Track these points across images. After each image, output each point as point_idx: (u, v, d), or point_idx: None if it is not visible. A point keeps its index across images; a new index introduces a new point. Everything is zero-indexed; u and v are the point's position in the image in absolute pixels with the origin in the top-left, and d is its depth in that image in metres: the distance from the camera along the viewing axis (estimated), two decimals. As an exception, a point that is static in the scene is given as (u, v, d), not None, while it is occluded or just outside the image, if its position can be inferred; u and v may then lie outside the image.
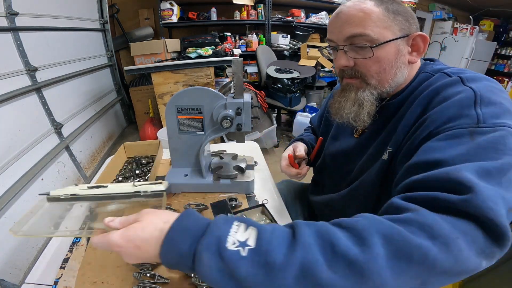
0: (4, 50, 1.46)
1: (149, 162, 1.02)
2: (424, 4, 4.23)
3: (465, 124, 0.41)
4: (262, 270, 0.31)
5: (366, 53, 0.55)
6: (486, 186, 0.33)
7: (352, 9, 0.55)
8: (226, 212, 0.64)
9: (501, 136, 0.39)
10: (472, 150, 0.38)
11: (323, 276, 0.30)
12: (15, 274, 1.29)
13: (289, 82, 2.64)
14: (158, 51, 2.21)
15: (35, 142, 1.57)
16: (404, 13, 0.56)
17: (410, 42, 0.57)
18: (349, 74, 0.60)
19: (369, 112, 0.59)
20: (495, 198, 0.32)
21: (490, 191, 0.33)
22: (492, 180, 0.35)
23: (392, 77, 0.57)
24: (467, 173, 0.34)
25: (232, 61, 0.72)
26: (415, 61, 0.58)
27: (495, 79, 0.51)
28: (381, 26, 0.54)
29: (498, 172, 0.35)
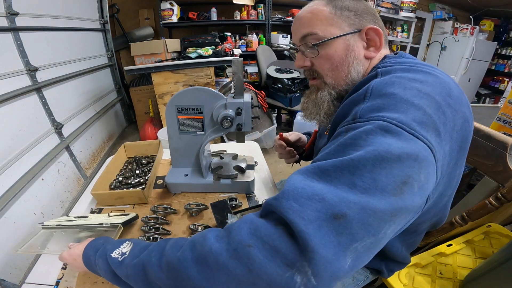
0: (5, 50, 1.46)
1: (149, 162, 1.02)
2: (424, 4, 4.22)
3: (346, 122, 0.42)
4: (123, 269, 0.44)
5: (314, 51, 0.58)
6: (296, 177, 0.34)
7: (304, 12, 0.59)
8: (226, 212, 0.64)
9: (365, 130, 0.36)
10: (334, 148, 0.38)
11: (153, 273, 0.39)
12: (16, 274, 1.29)
13: (289, 82, 2.64)
14: (158, 51, 2.21)
15: (35, 142, 1.57)
16: (355, 8, 0.56)
17: (364, 37, 0.56)
18: (310, 75, 0.63)
19: (326, 113, 0.61)
20: (298, 198, 0.32)
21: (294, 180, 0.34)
22: (325, 178, 0.34)
23: (346, 74, 0.57)
24: (296, 176, 0.35)
25: (232, 61, 0.72)
26: (373, 56, 0.57)
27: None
28: (327, 23, 0.56)
29: (334, 169, 0.34)
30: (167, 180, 0.83)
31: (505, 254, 0.74)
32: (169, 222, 0.74)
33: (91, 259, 0.49)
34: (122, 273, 0.44)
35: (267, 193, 0.85)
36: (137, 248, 0.46)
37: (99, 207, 0.81)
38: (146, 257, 0.42)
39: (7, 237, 1.28)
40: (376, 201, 0.31)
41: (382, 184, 0.32)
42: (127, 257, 0.45)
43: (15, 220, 1.33)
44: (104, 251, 0.48)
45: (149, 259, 0.41)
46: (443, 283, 0.88)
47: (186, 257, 0.36)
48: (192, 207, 0.76)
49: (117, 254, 0.46)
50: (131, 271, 0.42)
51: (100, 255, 0.48)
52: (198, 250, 0.36)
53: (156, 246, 0.43)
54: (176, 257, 0.37)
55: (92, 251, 0.50)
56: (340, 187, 0.32)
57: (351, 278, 0.77)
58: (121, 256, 0.46)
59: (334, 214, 0.30)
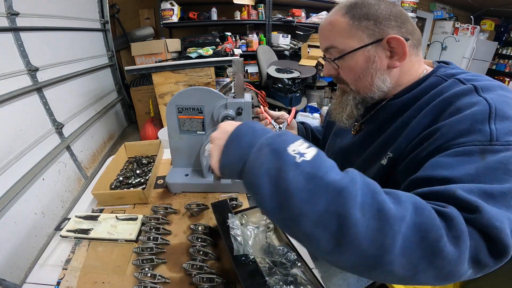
0: (5, 50, 1.46)
1: (150, 162, 1.02)
2: (424, 4, 4.22)
3: (477, 141, 0.39)
4: (307, 182, 0.32)
5: (334, 64, 0.59)
6: (492, 208, 0.33)
7: (324, 23, 0.59)
8: (227, 212, 0.64)
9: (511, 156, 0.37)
10: (481, 170, 0.37)
11: (352, 214, 0.30)
12: (16, 274, 1.29)
13: (289, 82, 2.64)
14: (159, 51, 2.21)
15: (36, 142, 1.57)
16: (375, 16, 0.53)
17: (387, 46, 0.53)
18: (337, 81, 0.65)
19: (348, 115, 0.63)
20: (500, 217, 0.32)
21: (496, 212, 0.32)
22: (497, 203, 0.34)
23: (370, 83, 0.57)
24: (471, 195, 0.34)
25: (233, 61, 0.72)
26: (397, 65, 0.55)
27: (496, 79, 0.49)
28: (345, 36, 0.55)
29: (502, 195, 0.34)
30: (167, 180, 0.83)
31: (506, 254, 0.74)
32: (169, 222, 0.74)
33: (245, 141, 0.39)
34: (295, 178, 0.32)
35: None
36: (322, 157, 0.35)
37: (99, 207, 0.81)
38: (349, 184, 0.32)
39: (8, 237, 1.28)
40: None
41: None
42: (311, 162, 0.34)
43: (15, 220, 1.33)
44: (277, 139, 0.37)
45: (352, 193, 0.31)
46: (443, 283, 0.88)
47: (405, 216, 0.31)
48: (192, 207, 0.76)
49: (294, 152, 0.35)
50: (317, 188, 0.32)
51: (271, 141, 0.37)
52: (422, 219, 0.31)
53: (359, 180, 0.33)
54: (391, 208, 0.31)
55: (250, 132, 0.40)
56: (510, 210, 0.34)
57: (356, 278, 0.77)
58: (299, 156, 0.34)
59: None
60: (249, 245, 0.58)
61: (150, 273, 0.58)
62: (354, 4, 0.55)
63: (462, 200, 0.33)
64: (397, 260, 0.30)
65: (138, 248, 0.64)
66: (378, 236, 0.30)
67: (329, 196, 0.31)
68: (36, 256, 1.43)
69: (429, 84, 0.54)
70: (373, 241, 0.30)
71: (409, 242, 0.30)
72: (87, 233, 0.69)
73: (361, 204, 0.31)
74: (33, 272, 0.62)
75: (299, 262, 0.59)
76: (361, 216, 0.30)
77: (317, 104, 3.23)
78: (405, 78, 0.58)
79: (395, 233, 0.30)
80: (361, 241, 0.30)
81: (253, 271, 0.51)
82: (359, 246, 0.30)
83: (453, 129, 0.41)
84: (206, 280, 0.55)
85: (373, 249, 0.30)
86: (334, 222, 0.31)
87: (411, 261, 0.30)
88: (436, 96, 0.50)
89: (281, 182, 0.33)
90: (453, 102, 0.45)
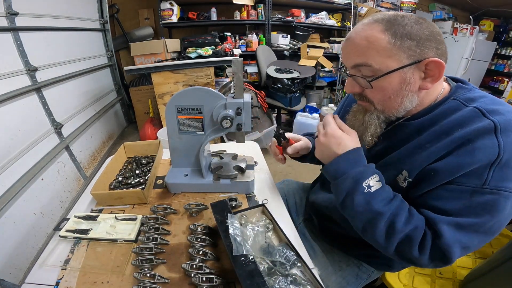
0: (4, 50, 1.46)
1: (149, 162, 1.02)
2: (424, 4, 4.22)
3: (473, 183, 0.48)
4: (365, 203, 0.54)
5: (367, 83, 0.55)
6: (451, 235, 0.48)
7: (358, 37, 0.54)
8: (226, 212, 0.64)
9: (493, 200, 0.47)
10: (465, 208, 0.49)
11: (378, 226, 0.54)
12: (15, 274, 1.29)
13: (289, 82, 2.63)
14: (158, 51, 2.21)
15: (35, 142, 1.57)
16: (417, 36, 0.51)
17: (423, 67, 0.52)
18: (359, 98, 0.62)
19: (372, 134, 0.61)
20: (452, 242, 0.48)
21: (452, 238, 0.48)
22: (462, 231, 0.48)
23: (399, 104, 0.56)
24: (445, 226, 0.49)
25: (232, 61, 0.72)
26: (429, 87, 0.54)
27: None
28: (384, 55, 0.52)
29: (469, 226, 0.48)
30: (167, 180, 0.83)
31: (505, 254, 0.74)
32: (169, 222, 0.74)
33: (343, 166, 0.57)
34: (357, 201, 0.54)
35: (267, 193, 0.85)
36: (383, 194, 0.54)
37: (99, 207, 0.81)
38: (385, 209, 0.53)
39: (7, 237, 1.28)
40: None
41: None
42: (373, 194, 0.54)
43: (14, 220, 1.33)
44: (358, 174, 0.55)
45: (384, 215, 0.52)
46: (443, 283, 0.88)
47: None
48: (192, 207, 0.76)
49: (365, 185, 0.54)
50: (366, 214, 0.54)
51: (354, 174, 0.55)
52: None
53: (401, 213, 0.53)
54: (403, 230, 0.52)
55: (349, 162, 0.57)
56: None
57: (355, 276, 0.77)
58: (367, 188, 0.54)
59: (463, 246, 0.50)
60: (248, 245, 0.58)
61: (150, 273, 0.58)
62: (394, 20, 0.52)
63: (437, 230, 0.49)
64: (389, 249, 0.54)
65: (138, 248, 0.64)
66: (388, 235, 0.53)
67: (370, 215, 0.54)
68: (35, 256, 1.43)
69: (448, 108, 0.54)
70: (383, 238, 0.54)
71: (400, 244, 0.53)
72: (86, 233, 0.69)
73: (386, 221, 0.53)
74: (32, 272, 0.62)
75: (298, 262, 0.59)
76: (384, 226, 0.53)
77: (317, 104, 3.23)
78: (428, 98, 0.58)
79: (398, 234, 0.52)
80: (377, 237, 0.54)
81: (253, 271, 0.51)
82: (375, 238, 0.55)
83: (461, 168, 0.48)
84: (206, 280, 0.55)
85: (382, 241, 0.54)
86: (368, 225, 0.55)
87: (395, 248, 0.53)
88: (457, 126, 0.50)
89: (350, 198, 0.56)
90: (471, 140, 0.48)
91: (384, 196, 0.54)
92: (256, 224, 0.67)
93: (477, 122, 0.49)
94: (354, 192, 0.54)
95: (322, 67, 3.22)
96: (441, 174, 0.50)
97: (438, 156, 0.51)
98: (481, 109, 0.50)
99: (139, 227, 0.70)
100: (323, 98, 3.40)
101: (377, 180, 0.55)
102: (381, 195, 0.54)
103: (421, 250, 0.51)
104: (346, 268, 0.78)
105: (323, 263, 0.79)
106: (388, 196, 0.55)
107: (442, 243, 0.49)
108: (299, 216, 0.97)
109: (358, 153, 0.58)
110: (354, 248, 0.77)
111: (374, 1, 3.62)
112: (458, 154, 0.49)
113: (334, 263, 0.79)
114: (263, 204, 0.74)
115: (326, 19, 3.29)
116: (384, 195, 0.54)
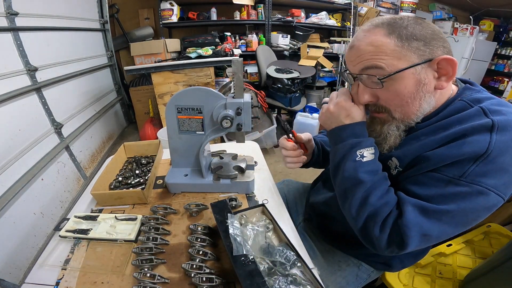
0: (4, 50, 1.46)
1: (149, 162, 1.02)
2: (424, 4, 4.22)
3: (451, 174, 0.49)
4: (352, 170, 0.56)
5: (379, 84, 0.53)
6: (414, 217, 0.49)
7: (363, 43, 0.54)
8: (226, 212, 0.64)
9: (465, 192, 0.47)
10: (436, 195, 0.49)
11: (356, 194, 0.56)
12: (15, 274, 1.29)
13: (289, 82, 2.64)
14: (158, 51, 2.21)
15: (35, 142, 1.57)
16: (422, 36, 0.50)
17: (436, 66, 0.52)
18: (375, 109, 0.59)
19: (390, 146, 0.59)
20: (413, 224, 0.49)
21: (412, 220, 0.49)
22: (426, 216, 0.49)
23: (417, 108, 0.54)
24: (410, 207, 0.50)
25: (232, 61, 0.72)
26: (444, 86, 0.53)
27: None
28: (394, 57, 0.51)
29: (434, 212, 0.49)
30: (167, 180, 0.83)
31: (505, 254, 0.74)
32: (169, 222, 0.74)
33: (347, 133, 0.59)
34: (347, 166, 0.57)
35: (267, 193, 0.85)
36: (371, 165, 0.56)
37: (99, 207, 0.81)
38: (368, 179, 0.54)
39: (7, 237, 1.28)
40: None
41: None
42: (363, 163, 0.56)
43: (14, 220, 1.33)
44: (358, 142, 0.57)
45: (366, 185, 0.54)
46: (443, 283, 0.88)
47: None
48: (192, 207, 0.76)
49: (359, 153, 0.57)
50: (350, 179, 0.56)
51: (353, 143, 0.58)
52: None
53: (380, 187, 0.55)
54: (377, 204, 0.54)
55: (351, 131, 0.59)
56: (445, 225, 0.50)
57: (355, 276, 0.77)
58: (359, 156, 0.56)
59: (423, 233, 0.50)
60: (248, 245, 0.58)
61: (150, 273, 0.58)
62: (394, 23, 0.52)
63: (402, 210, 0.51)
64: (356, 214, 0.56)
65: (138, 248, 0.64)
66: (360, 206, 0.55)
67: (353, 181, 0.56)
68: (35, 256, 1.43)
69: (454, 109, 0.54)
70: (355, 208, 0.56)
71: (367, 218, 0.54)
72: (86, 233, 0.69)
73: (365, 191, 0.55)
74: (32, 272, 0.62)
75: (298, 262, 0.59)
76: (360, 195, 0.55)
77: (317, 104, 3.23)
78: (441, 99, 0.57)
79: (368, 207, 0.54)
80: (351, 206, 0.56)
81: (253, 271, 0.51)
82: (350, 208, 0.57)
83: (447, 158, 0.49)
84: (206, 280, 0.55)
85: (354, 212, 0.56)
86: (348, 191, 0.57)
87: (361, 216, 0.55)
88: (456, 123, 0.51)
89: (342, 162, 0.58)
90: (466, 135, 0.48)
91: (371, 167, 0.56)
92: (256, 224, 0.67)
93: (476, 120, 0.49)
94: (347, 156, 0.57)
95: (322, 67, 3.22)
96: (428, 161, 0.51)
97: (430, 148, 0.52)
98: (484, 109, 0.50)
99: (139, 227, 0.70)
100: (323, 98, 3.40)
101: (372, 153, 0.57)
102: (369, 166, 0.56)
103: (382, 229, 0.52)
104: (346, 268, 0.78)
105: (323, 263, 0.79)
106: (375, 169, 0.57)
107: (402, 223, 0.49)
108: (299, 216, 0.97)
109: (363, 127, 0.60)
110: (354, 248, 0.77)
111: (374, 1, 3.62)
112: (449, 147, 0.49)
113: (334, 263, 0.79)
114: (263, 204, 0.74)
115: (326, 19, 3.29)
116: (372, 167, 0.56)
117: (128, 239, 0.67)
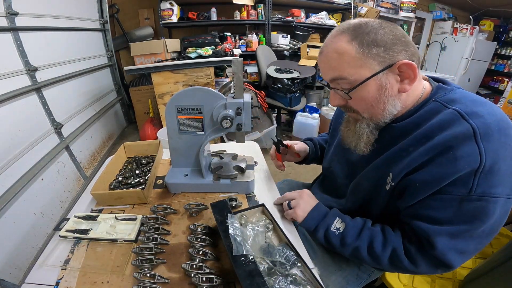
0: (4, 50, 1.46)
1: (149, 162, 1.02)
2: (424, 4, 4.22)
3: (459, 192, 0.49)
4: (340, 242, 0.64)
5: (346, 95, 0.57)
6: (445, 244, 0.52)
7: (329, 49, 0.57)
8: (226, 212, 0.64)
9: (481, 206, 0.48)
10: (455, 215, 0.51)
11: (363, 254, 0.62)
12: (15, 274, 1.29)
13: (289, 82, 2.63)
14: (158, 51, 2.21)
15: (35, 142, 1.57)
16: (383, 42, 0.52)
17: (397, 71, 0.53)
18: (346, 110, 0.64)
19: (366, 143, 0.63)
20: (447, 249, 0.52)
21: (446, 246, 0.52)
22: (454, 238, 0.51)
23: (382, 110, 0.57)
24: (437, 237, 0.52)
25: (232, 61, 0.72)
26: (407, 89, 0.55)
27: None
28: (355, 65, 0.53)
29: (461, 233, 0.51)
30: (167, 180, 0.83)
31: (505, 254, 0.74)
32: (169, 222, 0.74)
33: (312, 223, 0.68)
34: (333, 243, 0.65)
35: (267, 193, 0.85)
36: (351, 230, 0.64)
37: (99, 207, 0.81)
38: (360, 243, 0.61)
39: (7, 237, 1.28)
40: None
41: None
42: (341, 233, 0.64)
43: (14, 220, 1.33)
44: (325, 224, 0.67)
45: (361, 247, 0.61)
46: (443, 283, 0.88)
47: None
48: (192, 207, 0.76)
49: (334, 229, 0.65)
50: (347, 250, 0.63)
51: (322, 226, 0.67)
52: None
53: (376, 239, 0.60)
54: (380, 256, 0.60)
55: (314, 218, 0.69)
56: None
57: (355, 276, 0.77)
58: (337, 231, 0.65)
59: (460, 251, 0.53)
60: (248, 245, 0.58)
61: (150, 273, 0.58)
62: (358, 28, 0.53)
63: (430, 241, 0.53)
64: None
65: (138, 248, 0.64)
66: (374, 260, 0.61)
67: (349, 251, 0.64)
68: (35, 256, 1.43)
69: (429, 110, 0.56)
70: (371, 262, 0.63)
71: (390, 261, 0.59)
72: (86, 233, 0.69)
73: (367, 250, 0.61)
74: (32, 272, 0.62)
75: (298, 262, 0.59)
76: (366, 255, 0.61)
77: (317, 104, 3.23)
78: (409, 100, 0.59)
79: (382, 258, 0.60)
80: (367, 262, 0.64)
81: (252, 271, 0.51)
82: (367, 263, 0.67)
83: (447, 177, 0.49)
84: (206, 280, 0.55)
85: (372, 264, 0.64)
86: (356, 257, 0.64)
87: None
88: (437, 130, 0.51)
89: (329, 243, 0.66)
90: (452, 147, 0.48)
91: (352, 232, 0.63)
92: (256, 224, 0.67)
93: (456, 126, 0.49)
94: (328, 237, 0.66)
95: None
96: (426, 184, 0.52)
97: (418, 162, 0.52)
98: (460, 112, 0.50)
99: (139, 227, 0.70)
100: (323, 98, 3.40)
101: (341, 222, 0.66)
102: (350, 232, 0.63)
103: (413, 263, 0.56)
104: (346, 267, 0.78)
105: (323, 263, 0.79)
106: (356, 229, 0.63)
107: (437, 254, 0.52)
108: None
109: (318, 208, 0.70)
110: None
111: (374, 1, 3.62)
112: (441, 163, 0.49)
113: (334, 263, 0.79)
114: (263, 204, 0.74)
115: (326, 19, 3.29)
116: (352, 231, 0.63)
117: (128, 239, 0.67)
